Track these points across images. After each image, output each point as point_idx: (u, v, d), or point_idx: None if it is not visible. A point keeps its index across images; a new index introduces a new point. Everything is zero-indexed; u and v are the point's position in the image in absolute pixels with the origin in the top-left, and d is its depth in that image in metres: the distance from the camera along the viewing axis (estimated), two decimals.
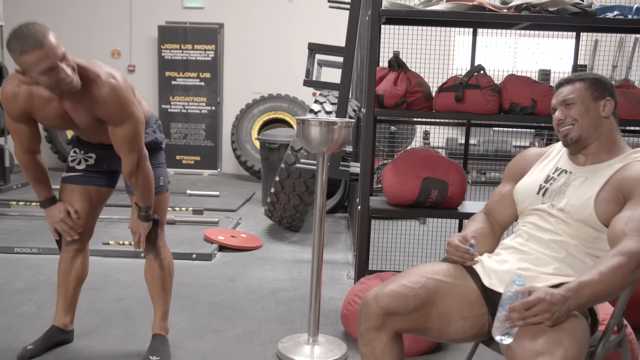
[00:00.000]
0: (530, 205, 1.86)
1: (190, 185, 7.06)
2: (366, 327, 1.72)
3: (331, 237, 4.86)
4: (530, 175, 1.94)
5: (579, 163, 1.84)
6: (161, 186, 2.52)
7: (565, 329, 1.50)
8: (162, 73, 8.09)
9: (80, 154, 2.51)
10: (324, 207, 2.61)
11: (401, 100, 3.18)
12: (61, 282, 2.59)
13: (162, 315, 2.59)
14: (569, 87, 1.84)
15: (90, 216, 2.53)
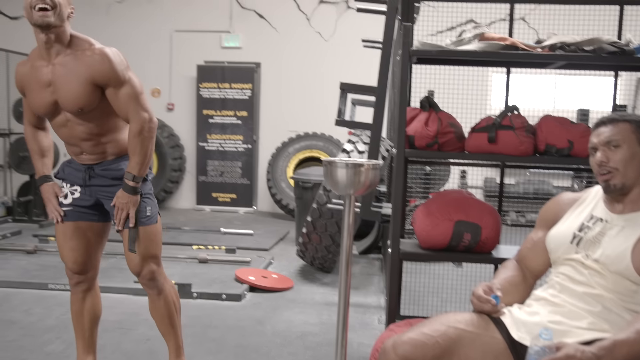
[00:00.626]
0: (563, 255, 1.77)
1: (226, 223, 7.08)
2: None
3: (364, 279, 4.77)
4: (563, 222, 1.86)
5: (616, 211, 1.75)
6: (148, 216, 2.39)
7: None
8: (200, 111, 8.23)
9: (68, 188, 2.44)
10: (350, 250, 2.55)
11: (432, 141, 3.12)
12: (76, 325, 2.57)
13: (176, 352, 2.55)
14: (612, 128, 1.74)
15: (88, 253, 2.47)
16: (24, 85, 2.35)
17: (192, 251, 5.20)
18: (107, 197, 2.40)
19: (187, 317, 3.59)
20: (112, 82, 2.26)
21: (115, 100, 2.28)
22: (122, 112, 2.31)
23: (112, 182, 2.39)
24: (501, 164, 3.72)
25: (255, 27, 8.38)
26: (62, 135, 2.39)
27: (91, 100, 2.27)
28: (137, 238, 2.36)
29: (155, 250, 2.43)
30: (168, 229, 6.39)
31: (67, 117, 2.32)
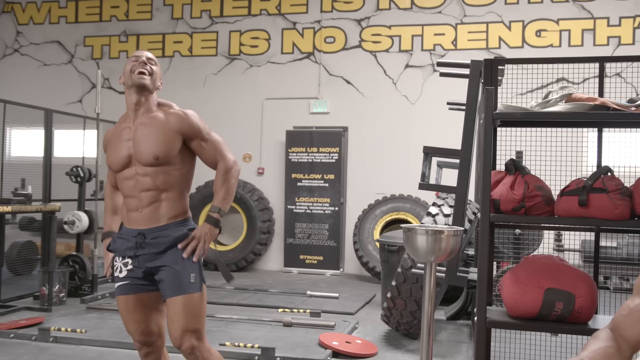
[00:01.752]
0: None
1: (312, 285, 7.09)
2: None
3: (451, 347, 4.59)
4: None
5: None
6: (192, 283, 2.41)
7: None
8: (289, 175, 8.44)
9: (120, 262, 2.51)
10: (432, 317, 2.48)
11: (519, 205, 3.02)
12: None
13: None
14: None
15: (152, 321, 2.52)
16: (107, 145, 2.58)
17: (278, 314, 5.23)
18: (156, 264, 2.44)
19: None
20: (199, 135, 2.52)
21: (203, 149, 2.53)
22: (211, 157, 2.54)
23: (162, 248, 2.44)
24: (596, 228, 3.53)
25: (343, 93, 8.60)
26: (125, 189, 2.51)
27: (168, 150, 2.45)
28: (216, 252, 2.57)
29: (197, 323, 2.41)
30: (255, 291, 6.48)
31: (137, 171, 2.47)
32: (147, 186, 2.45)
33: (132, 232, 2.48)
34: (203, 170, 3.00)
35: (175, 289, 2.38)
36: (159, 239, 2.45)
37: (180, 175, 2.51)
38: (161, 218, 2.47)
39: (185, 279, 2.39)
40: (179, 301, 2.37)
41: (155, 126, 2.46)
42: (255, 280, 7.49)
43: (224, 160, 2.53)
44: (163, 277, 2.41)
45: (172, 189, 2.48)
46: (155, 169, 2.44)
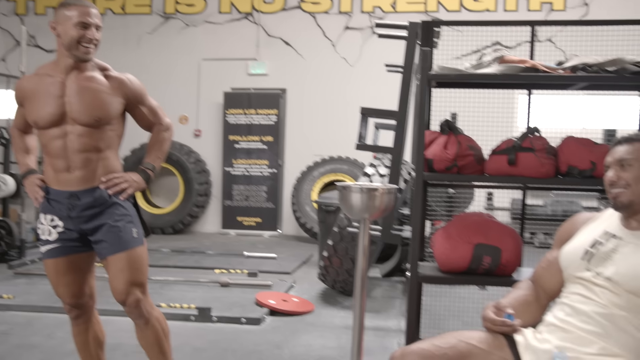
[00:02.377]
0: (574, 272, 1.74)
1: (250, 246, 7.09)
2: None
3: (385, 302, 4.72)
4: (576, 239, 1.82)
5: (630, 227, 1.71)
6: (135, 238, 2.39)
7: None
8: (227, 137, 8.33)
9: (47, 223, 2.40)
10: (366, 273, 2.53)
11: (451, 164, 3.09)
12: (83, 355, 2.56)
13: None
14: (627, 147, 1.73)
15: (83, 284, 2.46)
16: (24, 97, 2.41)
17: (215, 275, 5.22)
18: (94, 224, 2.37)
19: (205, 341, 3.59)
20: (140, 101, 2.49)
21: (141, 113, 2.51)
22: (147, 120, 2.53)
23: (99, 209, 2.36)
24: (523, 186, 3.67)
25: (281, 54, 8.49)
26: (53, 148, 2.36)
27: (110, 112, 2.38)
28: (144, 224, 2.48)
29: (141, 277, 2.39)
30: (192, 253, 6.43)
31: (68, 130, 2.34)
32: (83, 147, 2.35)
33: (63, 194, 2.37)
34: (138, 133, 2.91)
35: (119, 246, 2.34)
36: (96, 200, 2.37)
37: (116, 136, 2.45)
38: (96, 179, 2.39)
39: (127, 235, 2.36)
40: (123, 257, 2.34)
41: (96, 88, 2.37)
42: (192, 242, 7.43)
43: (161, 123, 2.56)
44: (103, 237, 2.35)
45: (108, 149, 2.42)
46: (92, 130, 2.35)
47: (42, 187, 2.41)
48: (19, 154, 2.56)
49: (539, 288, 1.90)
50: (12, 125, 2.61)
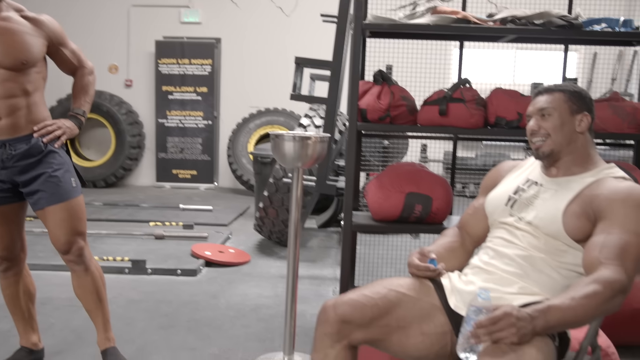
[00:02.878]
0: (498, 218, 1.81)
1: (185, 199, 7.01)
2: (321, 333, 1.69)
3: (321, 252, 4.80)
4: (500, 186, 1.89)
5: (550, 174, 1.79)
6: (74, 187, 2.34)
7: (527, 349, 1.43)
8: (159, 88, 8.09)
9: None
10: (299, 222, 2.56)
11: (384, 114, 3.13)
12: (13, 309, 2.51)
13: (104, 327, 2.49)
14: (547, 97, 1.77)
15: (12, 235, 2.40)
16: None
17: (149, 228, 5.15)
18: (29, 175, 2.29)
19: (140, 293, 3.56)
20: (61, 42, 2.41)
21: (63, 55, 2.43)
22: (70, 64, 2.47)
23: (33, 159, 2.28)
24: (453, 136, 3.76)
25: (215, 2, 8.23)
26: None
27: (37, 54, 2.29)
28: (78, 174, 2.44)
29: (82, 226, 2.37)
30: (125, 206, 6.31)
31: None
32: (10, 92, 2.23)
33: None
34: (64, 83, 2.79)
35: (59, 196, 2.28)
36: (31, 148, 2.28)
37: (42, 78, 2.35)
38: (25, 127, 2.28)
39: (67, 184, 2.31)
40: (64, 207, 2.29)
41: (17, 29, 2.23)
42: (125, 195, 7.27)
43: (83, 65, 2.50)
44: (41, 187, 2.27)
45: (35, 92, 2.32)
46: (17, 74, 2.23)
47: None
48: None
49: (465, 234, 1.97)
50: None
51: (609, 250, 1.53)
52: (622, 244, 1.53)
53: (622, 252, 1.52)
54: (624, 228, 1.56)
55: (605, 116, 3.12)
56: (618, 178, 1.70)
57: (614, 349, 2.29)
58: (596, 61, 7.49)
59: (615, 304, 1.50)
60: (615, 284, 1.48)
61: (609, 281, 1.47)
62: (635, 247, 1.54)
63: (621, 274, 1.50)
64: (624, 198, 1.60)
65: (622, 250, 1.53)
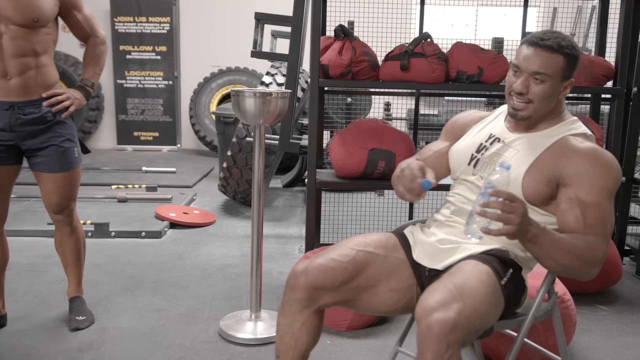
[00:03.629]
0: (461, 175, 1.81)
1: (148, 162, 6.91)
2: (290, 298, 1.67)
3: (287, 211, 4.81)
4: (465, 139, 1.85)
5: (514, 130, 1.75)
6: (76, 158, 2.46)
7: (468, 284, 1.47)
8: (116, 47, 7.85)
9: None
10: (262, 180, 2.54)
11: (346, 70, 3.11)
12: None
13: (77, 282, 2.66)
14: (545, 58, 1.61)
15: (1, 198, 2.40)
16: None
17: (111, 191, 5.07)
18: (38, 141, 2.35)
19: (104, 256, 3.53)
20: (75, 4, 2.42)
21: (78, 21, 2.45)
22: (85, 30, 2.48)
23: (43, 125, 2.35)
24: (416, 92, 3.76)
25: None
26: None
27: (49, 13, 2.29)
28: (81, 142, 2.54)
29: (76, 192, 2.51)
30: (86, 170, 6.18)
31: (2, 31, 2.22)
32: (20, 51, 2.25)
33: (2, 105, 2.27)
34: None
35: (63, 165, 2.39)
36: (41, 116, 2.33)
37: (52, 40, 2.37)
38: (36, 89, 2.33)
39: (71, 155, 2.41)
40: (65, 176, 2.41)
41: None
42: (85, 159, 7.10)
43: (96, 34, 2.52)
44: (48, 156, 2.36)
45: (45, 53, 2.34)
46: (29, 31, 2.26)
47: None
48: None
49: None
50: None
51: (592, 224, 1.56)
52: (601, 217, 1.56)
53: (601, 223, 1.56)
54: (596, 198, 1.57)
55: None
56: (578, 136, 1.67)
57: (570, 296, 2.38)
58: (556, 16, 7.54)
59: (594, 272, 1.56)
60: (598, 253, 1.54)
61: (595, 247, 1.54)
62: (609, 217, 1.58)
63: (604, 244, 1.56)
64: (590, 166, 1.59)
65: (600, 222, 1.56)
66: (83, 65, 2.52)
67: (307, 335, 1.67)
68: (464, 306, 1.42)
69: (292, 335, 1.68)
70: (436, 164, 1.90)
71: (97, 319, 2.64)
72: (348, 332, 2.56)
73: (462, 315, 1.40)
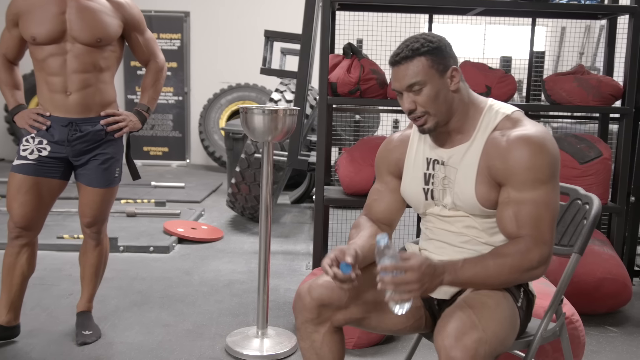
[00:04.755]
0: (424, 210, 1.73)
1: (157, 176, 6.95)
2: (302, 321, 1.66)
3: (294, 228, 4.82)
4: (407, 176, 1.74)
5: (444, 146, 1.65)
6: (116, 177, 2.55)
7: (486, 309, 1.45)
8: (127, 62, 7.94)
9: (34, 144, 2.41)
10: (270, 197, 2.56)
11: (355, 88, 3.13)
12: (5, 278, 2.52)
13: (89, 297, 2.69)
14: (409, 67, 1.54)
15: (39, 210, 2.45)
16: (20, 13, 2.37)
17: (120, 205, 5.10)
18: (88, 156, 2.45)
19: (113, 271, 3.54)
20: (138, 27, 2.52)
21: (138, 43, 2.54)
22: (145, 54, 2.57)
23: (96, 143, 2.46)
24: None
25: None
26: (51, 66, 2.36)
27: (112, 34, 2.41)
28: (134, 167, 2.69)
29: (109, 210, 2.61)
30: None
31: (68, 48, 2.35)
32: (83, 67, 2.37)
33: (61, 121, 2.40)
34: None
35: (102, 182, 2.48)
36: (95, 134, 2.44)
37: (115, 58, 2.50)
38: (94, 107, 2.44)
39: (111, 175, 2.51)
40: (101, 192, 2.50)
41: (97, 7, 2.39)
42: None
43: (156, 59, 2.59)
44: (93, 168, 2.46)
45: (107, 71, 2.46)
46: (93, 50, 2.39)
47: (43, 116, 2.41)
48: (6, 88, 2.51)
49: (377, 221, 1.80)
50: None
51: (525, 223, 1.51)
52: (535, 214, 1.50)
53: (537, 222, 1.50)
54: (528, 193, 1.51)
55: (571, 89, 3.18)
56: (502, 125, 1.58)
57: (578, 317, 2.36)
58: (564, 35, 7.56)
59: (534, 274, 1.52)
60: (534, 256, 1.49)
61: (527, 253, 1.48)
62: (546, 210, 1.51)
63: (540, 245, 1.50)
64: (517, 159, 1.51)
65: (534, 219, 1.50)
66: (141, 89, 2.63)
67: (329, 352, 1.67)
68: (484, 334, 1.40)
69: (317, 355, 1.68)
70: (378, 204, 1.80)
71: (105, 334, 2.64)
72: (355, 350, 2.56)
73: (483, 343, 1.39)
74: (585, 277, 2.88)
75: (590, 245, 2.95)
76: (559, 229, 1.85)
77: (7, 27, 2.45)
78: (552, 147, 1.54)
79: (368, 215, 1.82)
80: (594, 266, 2.90)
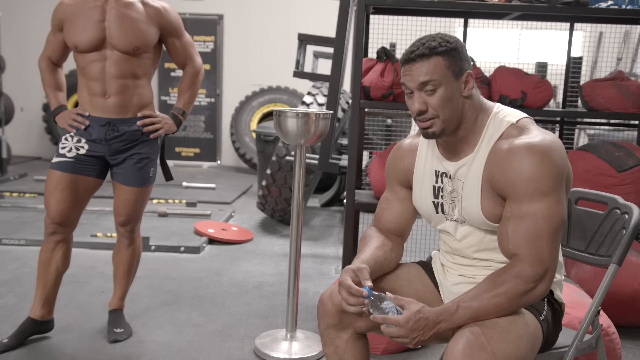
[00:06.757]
0: (436, 225, 1.69)
1: (188, 177, 7.02)
2: (325, 327, 1.65)
3: (324, 231, 4.81)
4: (417, 188, 1.69)
5: (451, 159, 1.59)
6: (151, 177, 2.59)
7: (497, 328, 1.39)
8: (162, 64, 8.04)
9: (72, 143, 2.48)
10: (301, 200, 2.56)
11: (388, 92, 3.11)
12: (40, 273, 2.57)
13: (121, 295, 2.73)
14: (424, 65, 1.46)
15: (75, 207, 2.50)
16: (65, 19, 2.44)
17: (152, 205, 5.16)
18: (124, 155, 2.51)
19: (144, 270, 3.58)
20: (175, 33, 2.55)
21: (175, 48, 2.57)
22: (180, 57, 2.60)
23: (133, 142, 2.51)
24: None
25: None
26: (91, 71, 2.43)
27: (148, 42, 2.45)
28: (167, 168, 2.73)
29: (143, 209, 2.64)
30: None
31: (107, 55, 2.42)
32: (121, 73, 2.44)
33: (99, 121, 2.47)
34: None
35: (137, 181, 2.53)
36: (131, 134, 2.50)
37: (152, 63, 2.55)
38: (131, 108, 2.50)
39: (145, 174, 2.55)
40: (135, 191, 2.54)
41: (134, 16, 2.44)
42: None
43: (193, 63, 2.62)
44: (128, 167, 2.51)
45: (144, 76, 2.52)
46: (130, 57, 2.44)
47: (82, 115, 2.48)
48: (49, 89, 2.59)
49: (386, 232, 1.75)
50: (42, 55, 2.58)
51: (520, 240, 1.43)
52: (532, 230, 1.42)
53: (534, 238, 1.42)
54: (528, 208, 1.43)
55: (610, 95, 3.11)
56: (507, 134, 1.51)
57: (614, 329, 2.31)
58: (602, 41, 7.41)
59: (535, 294, 1.43)
60: (530, 277, 1.40)
61: (522, 276, 1.40)
62: (545, 229, 1.42)
63: (535, 264, 1.41)
64: (517, 170, 1.44)
65: (534, 237, 1.42)
66: (177, 92, 2.66)
67: (353, 358, 1.65)
68: (494, 356, 1.34)
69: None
70: (400, 215, 1.74)
71: (135, 332, 2.67)
72: (384, 356, 2.54)
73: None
74: (622, 288, 2.81)
75: (628, 255, 2.88)
76: (595, 239, 1.82)
77: (52, 31, 2.52)
78: (558, 157, 1.45)
79: (377, 225, 1.77)
80: (631, 277, 2.83)
